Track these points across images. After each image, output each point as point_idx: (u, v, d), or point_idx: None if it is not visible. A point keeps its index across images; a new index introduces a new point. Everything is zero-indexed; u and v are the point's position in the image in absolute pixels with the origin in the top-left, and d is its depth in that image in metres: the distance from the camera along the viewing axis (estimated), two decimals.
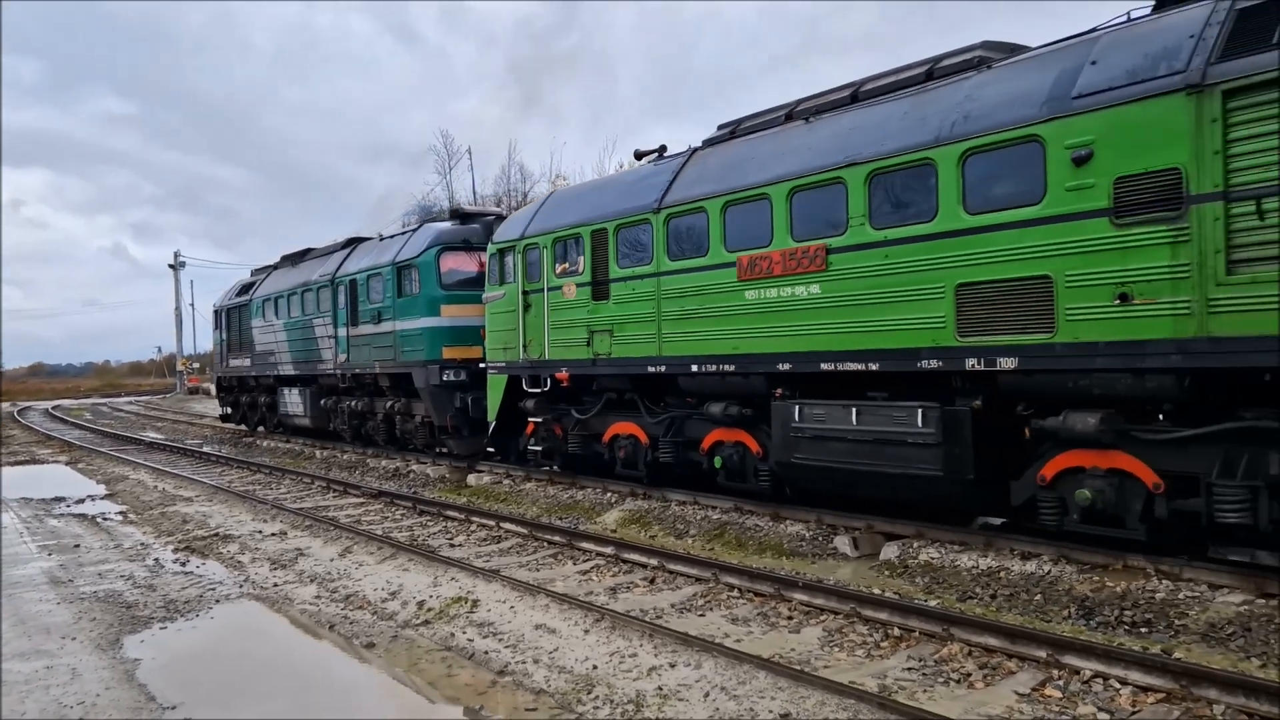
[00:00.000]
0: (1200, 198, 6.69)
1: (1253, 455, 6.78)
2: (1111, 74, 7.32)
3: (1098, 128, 7.27)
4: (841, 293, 9.18)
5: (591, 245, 12.34)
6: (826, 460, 9.35)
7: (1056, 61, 7.91)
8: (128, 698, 6.00)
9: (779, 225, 9.79)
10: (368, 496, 14.37)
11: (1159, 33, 7.25)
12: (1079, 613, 6.95)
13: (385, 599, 8.31)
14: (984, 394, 8.29)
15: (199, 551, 10.72)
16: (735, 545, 9.81)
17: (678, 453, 11.71)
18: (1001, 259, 7.88)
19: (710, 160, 11.19)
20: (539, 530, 10.78)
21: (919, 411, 8.49)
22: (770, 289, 9.88)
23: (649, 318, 11.46)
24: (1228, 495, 6.75)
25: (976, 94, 8.37)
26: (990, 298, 7.98)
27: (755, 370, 10.15)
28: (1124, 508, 7.44)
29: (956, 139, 8.21)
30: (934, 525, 8.96)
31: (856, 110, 9.64)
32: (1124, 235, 7.11)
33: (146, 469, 19.30)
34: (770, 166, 10.06)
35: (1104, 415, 7.40)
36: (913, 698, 5.51)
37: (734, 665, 6.08)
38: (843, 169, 9.14)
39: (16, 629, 7.58)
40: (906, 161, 8.61)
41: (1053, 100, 7.61)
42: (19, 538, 11.84)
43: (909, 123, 8.79)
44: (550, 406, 13.76)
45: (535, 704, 5.74)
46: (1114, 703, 5.34)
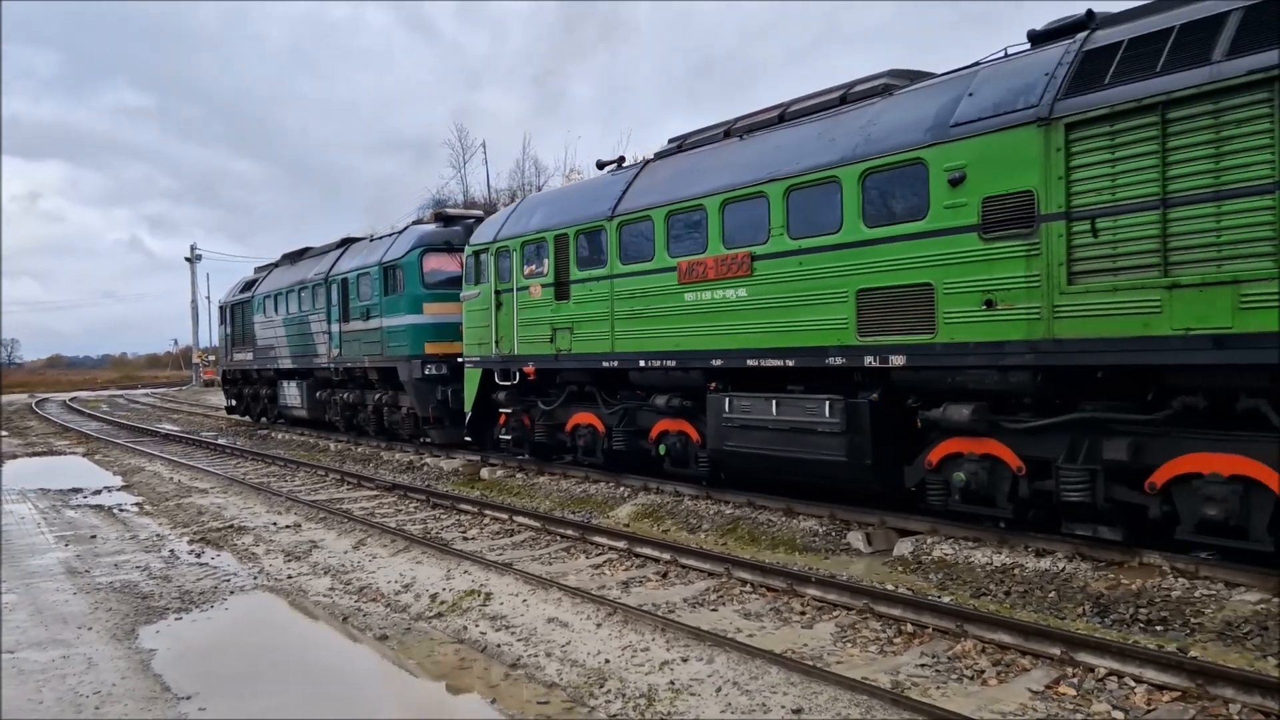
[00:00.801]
0: (1048, 217, 7.64)
1: (1092, 442, 7.77)
2: (982, 105, 8.26)
3: (970, 153, 8.21)
4: (764, 296, 10.18)
5: (555, 249, 13.37)
6: (753, 447, 10.34)
7: (943, 92, 8.86)
8: (143, 687, 6.03)
9: (713, 234, 10.81)
10: (382, 489, 14.42)
11: (1023, 69, 8.16)
12: (1094, 610, 6.91)
13: (398, 591, 8.34)
14: (881, 388, 9.30)
15: (214, 543, 10.78)
16: (748, 540, 9.80)
17: (630, 441, 12.76)
18: (893, 268, 8.85)
19: (659, 172, 12.17)
20: (552, 524, 10.80)
21: (826, 403, 9.48)
22: (705, 292, 10.91)
23: (604, 317, 12.48)
24: (1071, 477, 7.74)
25: (877, 119, 9.34)
26: (884, 302, 8.96)
27: (693, 365, 11.16)
28: (995, 488, 8.45)
29: (858, 160, 9.18)
30: (948, 522, 8.94)
31: (782, 130, 10.63)
32: (989, 248, 8.08)
33: (162, 461, 19.42)
34: (707, 180, 11.05)
35: (976, 407, 8.40)
36: (926, 694, 5.49)
37: (746, 660, 6.07)
38: (765, 184, 10.14)
39: (34, 618, 7.64)
40: (817, 179, 9.58)
41: (935, 128, 8.58)
42: (36, 528, 11.93)
43: (821, 143, 9.76)
44: (520, 398, 14.76)
45: (547, 697, 5.74)
46: (1129, 701, 5.30)
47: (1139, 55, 7.32)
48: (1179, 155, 6.94)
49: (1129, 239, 7.19)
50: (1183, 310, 6.93)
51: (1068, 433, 7.92)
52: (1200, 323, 6.84)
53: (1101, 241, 7.33)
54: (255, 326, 26.03)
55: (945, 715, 5.04)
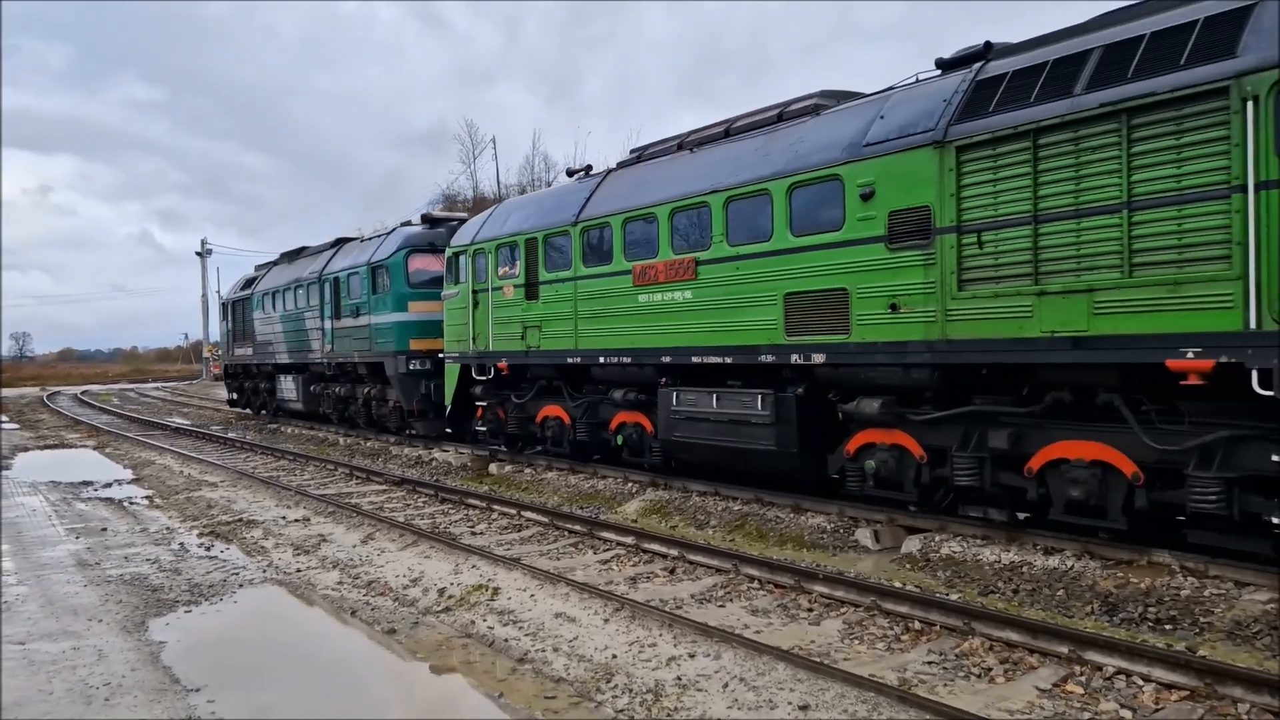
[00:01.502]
0: (942, 230, 8.43)
1: (980, 433, 8.59)
2: (891, 128, 9.03)
3: (878, 171, 8.99)
4: (707, 298, 10.99)
5: (525, 251, 14.19)
6: (697, 437, 11.24)
7: (860, 114, 9.62)
8: (152, 679, 6.07)
9: (663, 240, 11.62)
10: (390, 484, 14.46)
11: (927, 95, 8.94)
12: (1102, 609, 6.89)
13: (406, 586, 8.37)
14: (806, 384, 10.15)
15: (223, 536, 10.83)
16: (756, 536, 9.80)
17: (592, 432, 13.70)
18: (815, 274, 9.65)
19: (619, 181, 12.98)
20: (560, 519, 10.81)
21: (758, 397, 10.36)
22: (656, 294, 11.72)
23: (569, 316, 13.28)
24: (963, 464, 8.60)
25: (805, 137, 10.12)
26: (808, 305, 9.76)
27: (646, 362, 12.04)
28: (903, 475, 9.32)
29: (786, 174, 9.95)
30: (956, 519, 8.93)
31: (726, 144, 11.41)
32: (894, 257, 8.86)
33: (172, 454, 19.50)
34: (660, 189, 11.84)
35: (884, 401, 9.23)
36: (933, 691, 5.48)
37: (753, 656, 6.07)
38: (708, 195, 10.94)
39: (45, 610, 7.69)
40: (752, 190, 10.38)
41: (850, 146, 9.37)
42: (48, 520, 12.00)
43: (757, 158, 10.54)
44: (495, 392, 15.68)
45: (555, 692, 5.75)
46: (1137, 700, 5.29)
47: (1018, 86, 8.09)
48: (1047, 177, 7.73)
49: (1008, 251, 8.00)
50: (1049, 315, 7.74)
51: (961, 424, 8.78)
52: (1062, 326, 7.65)
53: (986, 253, 8.16)
54: (255, 323, 26.90)
55: (952, 713, 5.04)
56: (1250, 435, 6.96)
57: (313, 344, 22.69)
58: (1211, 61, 6.82)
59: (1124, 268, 7.25)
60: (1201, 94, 6.81)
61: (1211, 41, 6.92)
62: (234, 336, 29.46)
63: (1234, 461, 7.02)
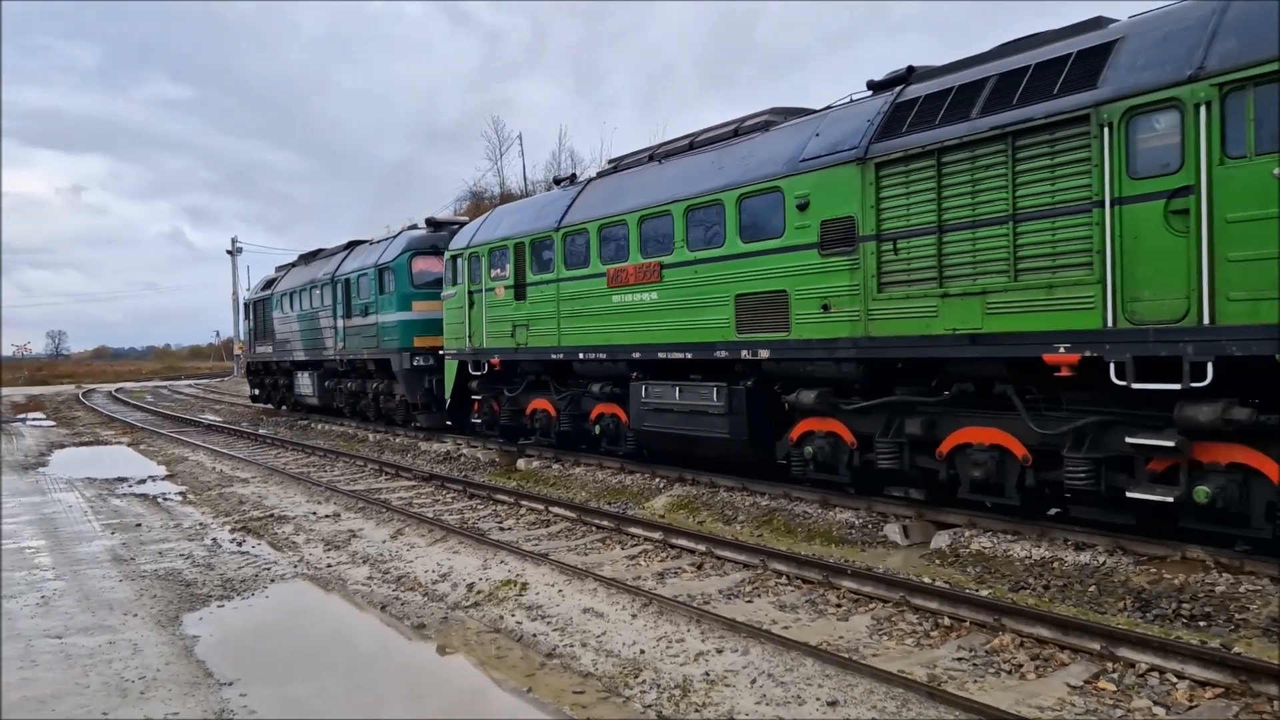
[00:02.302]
0: (864, 238, 9.33)
1: (900, 420, 9.48)
2: (824, 144, 9.92)
3: (812, 184, 9.88)
4: (671, 299, 11.94)
5: (514, 255, 15.19)
6: (664, 427, 12.25)
7: (801, 131, 10.50)
8: (186, 672, 6.15)
9: (633, 245, 12.57)
10: (419, 479, 14.55)
11: (855, 115, 9.83)
12: (1135, 605, 6.82)
13: (436, 581, 8.42)
14: (755, 377, 11.04)
15: (255, 532, 10.94)
16: (784, 532, 9.77)
17: (575, 423, 14.60)
18: (761, 277, 10.56)
19: (597, 190, 14.00)
20: (587, 514, 10.84)
21: (714, 389, 11.36)
22: (627, 295, 12.69)
23: (552, 315, 14.29)
24: (885, 448, 9.51)
25: (754, 152, 11.03)
26: (755, 305, 10.68)
27: (619, 358, 12.96)
28: (837, 459, 10.26)
29: (737, 186, 10.90)
30: (986, 514, 8.86)
31: (689, 156, 12.39)
32: (826, 262, 9.76)
33: (205, 451, 19.73)
34: (631, 198, 12.80)
35: (820, 392, 10.14)
36: (962, 688, 5.45)
37: (781, 652, 6.05)
38: (671, 204, 11.91)
39: (81, 604, 7.81)
40: (708, 200, 11.32)
41: (790, 161, 10.25)
42: (84, 516, 12.18)
43: (714, 170, 11.49)
44: (489, 387, 16.68)
45: (583, 686, 5.77)
46: (1170, 697, 5.23)
47: (928, 110, 8.96)
48: (949, 192, 8.60)
49: (918, 257, 8.88)
50: (951, 315, 8.64)
51: (884, 413, 9.67)
52: (962, 325, 8.55)
53: (900, 258, 9.05)
54: (274, 322, 28.12)
55: (982, 709, 5.00)
56: (1113, 420, 7.81)
57: (326, 342, 23.76)
58: (1078, 91, 7.69)
59: (1010, 273, 8.15)
60: (1069, 120, 7.69)
61: (1080, 73, 7.79)
62: (255, 335, 30.82)
63: (1100, 444, 7.87)
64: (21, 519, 12.03)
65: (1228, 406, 6.91)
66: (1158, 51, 7.35)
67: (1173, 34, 7.34)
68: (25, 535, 10.92)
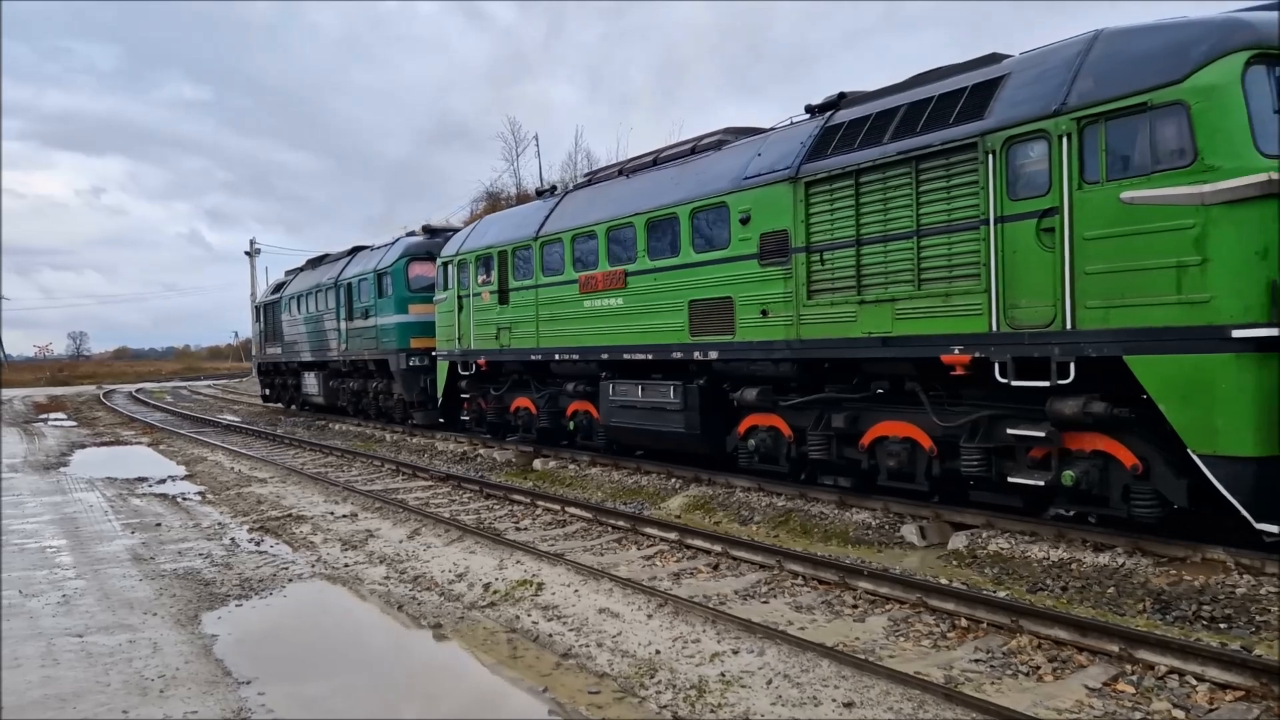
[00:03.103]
0: (796, 249, 10.26)
1: (828, 415, 10.41)
2: (764, 164, 10.85)
3: (753, 200, 10.83)
4: (634, 304, 12.92)
5: (499, 262, 16.26)
6: (629, 422, 13.29)
7: (747, 150, 11.46)
8: (205, 671, 6.19)
9: (602, 254, 13.57)
10: (436, 480, 14.60)
11: (791, 137, 10.78)
12: (1154, 606, 6.77)
13: (452, 580, 8.45)
14: (707, 376, 12.00)
15: (273, 532, 11.01)
16: (800, 532, 9.75)
17: (553, 420, 15.60)
18: (710, 284, 11.54)
19: (572, 202, 15.05)
20: (603, 515, 10.85)
21: (671, 387, 12.36)
22: (597, 300, 13.69)
23: (532, 319, 15.34)
24: (815, 441, 10.50)
25: (706, 169, 12.04)
26: (705, 310, 11.67)
27: (590, 358, 13.97)
28: (777, 451, 11.23)
29: (690, 200, 11.92)
30: (1004, 515, 8.82)
31: (652, 172, 13.38)
32: (764, 271, 10.71)
33: (224, 451, 19.86)
34: (600, 210, 13.83)
35: (761, 390, 11.11)
36: (979, 689, 5.42)
37: (797, 653, 6.04)
38: (634, 216, 12.91)
39: (102, 603, 7.87)
40: (666, 213, 12.33)
41: (735, 179, 11.22)
42: (104, 516, 12.28)
43: (672, 185, 12.51)
44: (477, 386, 17.72)
45: (598, 686, 5.78)
46: (1190, 699, 5.19)
47: (849, 134, 9.87)
48: (866, 209, 9.51)
49: (840, 267, 9.81)
50: (867, 319, 9.56)
51: (815, 408, 10.59)
52: (876, 329, 9.47)
53: (826, 268, 9.97)
54: (283, 324, 29.33)
55: (1000, 711, 4.98)
56: (1000, 414, 8.70)
57: (331, 343, 24.89)
58: (969, 121, 8.58)
59: (915, 282, 9.05)
60: (961, 147, 8.59)
61: (972, 105, 8.67)
62: (266, 337, 32.18)
63: (990, 435, 8.79)
64: (43, 518, 12.15)
65: (1088, 401, 7.78)
66: (1033, 88, 8.24)
67: (1045, 72, 8.23)
68: (47, 535, 11.02)
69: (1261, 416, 6.83)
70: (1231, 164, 6.94)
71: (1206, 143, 7.03)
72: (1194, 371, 7.09)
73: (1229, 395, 6.93)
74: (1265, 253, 6.87)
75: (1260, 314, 6.84)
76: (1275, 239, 6.85)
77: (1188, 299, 7.11)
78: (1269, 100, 7.07)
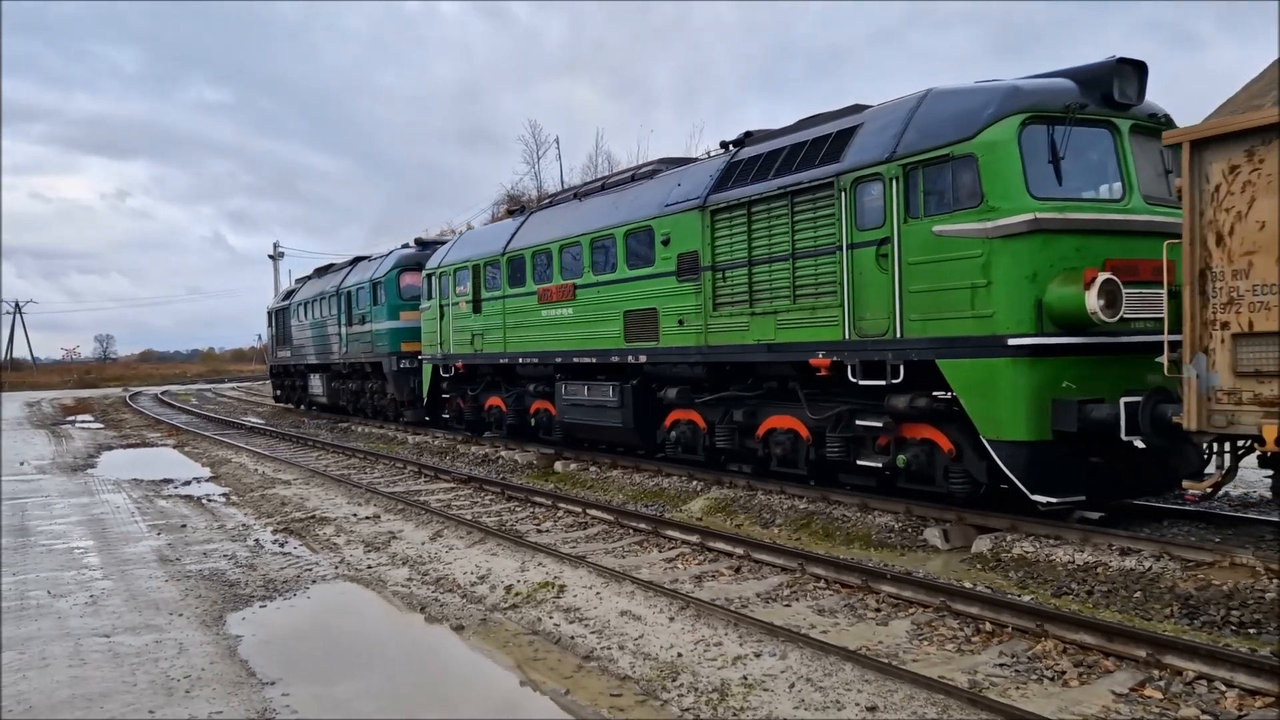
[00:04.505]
0: (704, 268, 11.88)
1: (732, 410, 12.01)
2: (681, 193, 12.50)
3: (672, 224, 12.47)
4: (582, 314, 14.57)
5: (473, 274, 17.98)
6: (579, 419, 14.90)
7: (671, 180, 13.12)
8: (230, 672, 6.23)
9: (556, 269, 15.26)
10: (458, 482, 14.64)
11: (704, 170, 12.48)
12: (1182, 611, 6.70)
13: (474, 582, 8.47)
14: (639, 377, 13.63)
15: (297, 533, 11.08)
16: (822, 535, 9.72)
17: (520, 418, 17.23)
18: (640, 297, 13.17)
19: (535, 221, 16.79)
20: (625, 517, 10.85)
21: (610, 387, 13.99)
22: (552, 310, 15.36)
23: (500, 326, 17.04)
24: (722, 432, 12.11)
25: (639, 196, 13.70)
26: (636, 320, 13.26)
27: (548, 361, 15.62)
28: (695, 442, 12.86)
29: (625, 224, 13.53)
30: (1028, 519, 8.75)
31: (599, 196, 15.07)
32: (681, 287, 12.32)
33: (248, 453, 20.00)
34: (556, 229, 15.52)
35: (680, 389, 12.72)
36: (1004, 694, 5.38)
37: (820, 656, 6.02)
38: (580, 236, 14.60)
39: (129, 604, 7.95)
40: (606, 234, 13.97)
41: (659, 205, 12.85)
42: (131, 518, 12.40)
43: (612, 209, 14.15)
44: (456, 387, 19.51)
45: (620, 689, 5.78)
46: (1219, 706, 5.12)
47: (746, 170, 11.41)
48: (756, 234, 11.07)
49: (737, 283, 11.40)
50: (756, 329, 11.15)
51: (722, 405, 12.16)
52: (763, 337, 11.04)
53: (727, 285, 11.57)
54: (292, 329, 31.29)
55: (1024, 716, 4.93)
56: (855, 409, 10.20)
57: (333, 347, 26.74)
58: (830, 164, 10.10)
59: (791, 297, 10.61)
60: (823, 184, 10.11)
61: (833, 150, 10.19)
62: (277, 341, 34.25)
63: (848, 426, 10.29)
64: (71, 519, 12.28)
65: (915, 397, 9.30)
66: (876, 137, 9.75)
67: (886, 124, 9.75)
68: (75, 536, 11.13)
69: (1032, 409, 8.37)
70: (1008, 205, 8.49)
71: (990, 187, 8.59)
72: (983, 373, 8.66)
73: (1007, 392, 8.49)
74: (1034, 276, 8.43)
75: (1030, 326, 8.42)
76: (1041, 266, 8.43)
77: (978, 314, 8.67)
78: (1043, 153, 8.66)
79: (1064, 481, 8.51)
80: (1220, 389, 7.05)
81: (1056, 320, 8.39)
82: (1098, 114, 8.90)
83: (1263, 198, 6.76)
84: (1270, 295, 6.73)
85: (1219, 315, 7.06)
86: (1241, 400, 6.93)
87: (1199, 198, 7.15)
